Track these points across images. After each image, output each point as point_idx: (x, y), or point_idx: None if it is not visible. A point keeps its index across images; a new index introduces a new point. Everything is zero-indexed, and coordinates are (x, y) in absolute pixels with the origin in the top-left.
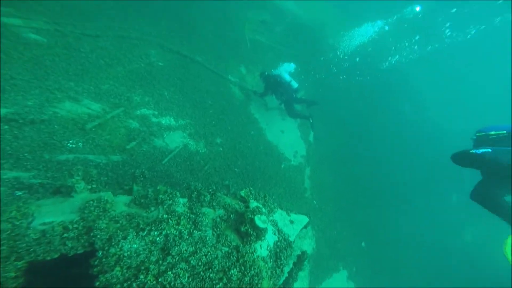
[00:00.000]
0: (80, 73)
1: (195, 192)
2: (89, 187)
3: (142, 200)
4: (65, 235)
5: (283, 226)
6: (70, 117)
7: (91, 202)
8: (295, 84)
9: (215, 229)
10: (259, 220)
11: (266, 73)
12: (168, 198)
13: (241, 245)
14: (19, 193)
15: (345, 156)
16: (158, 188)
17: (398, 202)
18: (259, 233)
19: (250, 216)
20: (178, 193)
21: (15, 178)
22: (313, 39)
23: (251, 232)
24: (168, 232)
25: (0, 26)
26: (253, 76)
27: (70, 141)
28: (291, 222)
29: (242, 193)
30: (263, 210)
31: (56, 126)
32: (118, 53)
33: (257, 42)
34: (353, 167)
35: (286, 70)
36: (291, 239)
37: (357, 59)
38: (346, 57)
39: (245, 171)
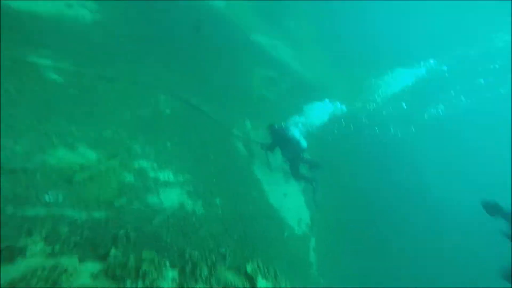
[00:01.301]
0: (85, 116)
1: (189, 263)
2: (50, 250)
3: (117, 271)
4: None
5: None
6: (59, 166)
7: (37, 271)
8: (304, 144)
9: None
10: None
11: (276, 126)
12: (153, 269)
13: None
14: None
15: (356, 227)
16: (142, 255)
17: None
18: None
19: None
20: (167, 263)
21: None
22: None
23: None
24: None
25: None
26: (258, 132)
27: (49, 193)
28: None
29: (248, 269)
30: None
31: (38, 177)
32: (129, 98)
33: (263, 97)
34: (368, 240)
35: (296, 127)
36: None
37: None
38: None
39: (244, 238)
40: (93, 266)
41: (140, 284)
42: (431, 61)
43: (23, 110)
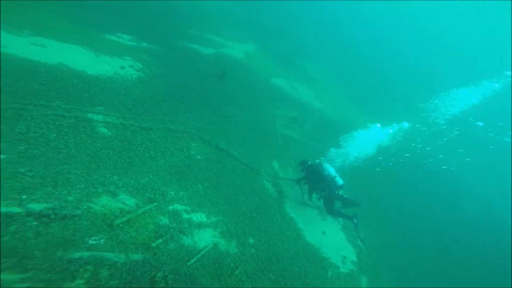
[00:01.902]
0: (126, 166)
1: None
2: None
3: None
4: None
5: None
6: (102, 212)
7: None
8: (340, 181)
9: None
10: None
11: (309, 163)
12: None
13: None
14: None
15: (409, 263)
16: None
17: None
18: None
19: None
20: None
21: None
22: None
23: None
24: None
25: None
26: (286, 171)
27: (93, 238)
28: None
29: None
30: None
31: (84, 222)
32: (163, 146)
33: (288, 138)
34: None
35: (330, 164)
36: None
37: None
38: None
39: (282, 279)
40: None
41: None
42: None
43: (78, 164)
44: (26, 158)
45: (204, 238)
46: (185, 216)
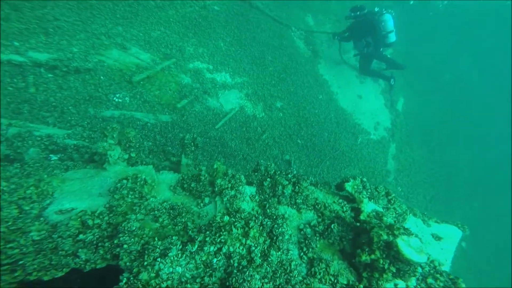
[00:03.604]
0: (128, 16)
1: (268, 178)
2: (126, 156)
3: (192, 184)
4: (81, 236)
5: (426, 245)
6: (117, 67)
7: (125, 182)
8: (393, 37)
9: (304, 249)
10: (409, 247)
11: (366, 11)
12: (229, 186)
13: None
14: (54, 157)
15: (442, 133)
16: (214, 166)
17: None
18: (406, 271)
19: (384, 236)
20: (243, 178)
21: (48, 137)
22: None
23: (386, 266)
24: (231, 248)
25: None
26: (322, 28)
27: (117, 95)
28: (436, 237)
29: (349, 187)
30: (389, 217)
31: (102, 77)
32: None
33: None
34: (451, 147)
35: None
36: (445, 268)
37: None
38: None
39: (310, 144)
40: (169, 178)
41: (219, 203)
42: None
43: (64, 11)
44: None
45: (230, 100)
46: (208, 75)
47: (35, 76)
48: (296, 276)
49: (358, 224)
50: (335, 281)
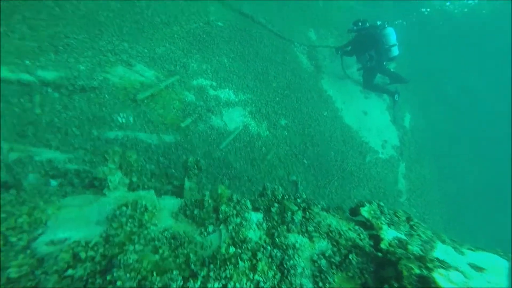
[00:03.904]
0: (134, 32)
1: (275, 204)
2: (127, 180)
3: (195, 211)
4: (70, 272)
5: (470, 279)
6: (122, 85)
7: (124, 209)
8: (396, 51)
9: (320, 284)
10: (450, 283)
11: (368, 24)
12: (234, 212)
13: None
14: (54, 182)
15: (450, 147)
16: (218, 191)
17: None
18: None
19: (416, 270)
20: (249, 203)
21: (49, 161)
22: None
23: None
24: (238, 285)
25: None
26: (325, 42)
27: (121, 115)
28: (476, 268)
29: (365, 212)
30: (414, 246)
31: (107, 96)
32: (175, 10)
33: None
34: (461, 162)
35: (392, 30)
36: None
37: None
38: None
39: (317, 164)
40: (171, 203)
41: (223, 231)
42: None
43: (74, 29)
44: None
45: (234, 118)
46: (212, 92)
47: (41, 96)
48: None
49: (380, 254)
50: None
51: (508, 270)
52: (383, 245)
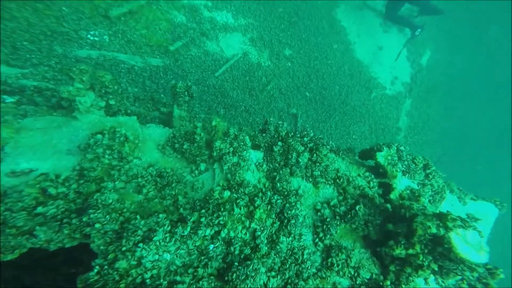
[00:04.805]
0: None
1: (279, 142)
2: (102, 103)
3: (185, 145)
4: (40, 209)
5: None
6: None
7: (100, 137)
8: None
9: (320, 234)
10: (466, 244)
11: None
12: (231, 150)
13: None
14: (9, 99)
15: (465, 91)
16: (213, 123)
17: None
18: (452, 269)
19: (434, 230)
20: (248, 139)
21: None
22: None
23: (426, 264)
24: (232, 233)
25: None
26: None
27: (91, 32)
28: (472, 219)
29: (381, 158)
30: (426, 198)
31: (64, 8)
32: None
33: None
34: (472, 107)
35: None
36: (481, 258)
37: None
38: None
39: (319, 97)
40: (157, 133)
41: (218, 171)
42: None
43: None
44: None
45: (232, 44)
46: (206, 14)
47: None
48: (309, 267)
49: (389, 205)
50: (356, 274)
51: (495, 218)
52: (393, 196)
